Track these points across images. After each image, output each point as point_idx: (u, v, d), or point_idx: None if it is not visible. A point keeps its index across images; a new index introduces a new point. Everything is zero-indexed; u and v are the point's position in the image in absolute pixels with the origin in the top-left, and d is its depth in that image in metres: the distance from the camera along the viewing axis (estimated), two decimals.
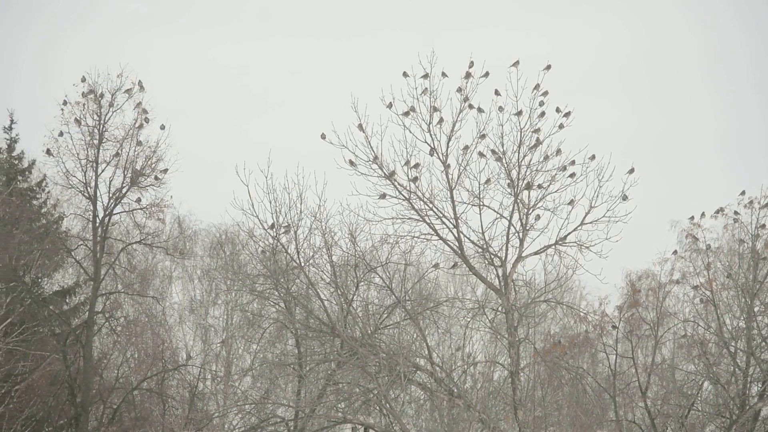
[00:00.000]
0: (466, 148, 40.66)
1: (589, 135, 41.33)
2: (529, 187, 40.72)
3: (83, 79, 49.47)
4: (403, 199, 40.53)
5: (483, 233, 40.68)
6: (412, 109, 40.49)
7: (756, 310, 49.74)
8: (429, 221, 40.58)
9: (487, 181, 40.71)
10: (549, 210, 40.79)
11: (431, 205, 40.52)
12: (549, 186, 40.76)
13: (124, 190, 49.45)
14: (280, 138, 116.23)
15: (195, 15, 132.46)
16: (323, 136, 40.22)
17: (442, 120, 40.56)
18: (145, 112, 49.75)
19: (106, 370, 51.99)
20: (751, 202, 49.86)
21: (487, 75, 40.62)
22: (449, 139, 40.62)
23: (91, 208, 49.60)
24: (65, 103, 49.38)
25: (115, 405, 49.60)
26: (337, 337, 40.47)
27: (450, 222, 40.56)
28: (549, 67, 40.98)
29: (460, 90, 40.62)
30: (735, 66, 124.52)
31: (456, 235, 40.57)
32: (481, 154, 40.77)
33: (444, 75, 40.46)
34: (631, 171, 40.53)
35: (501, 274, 40.62)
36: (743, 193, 49.77)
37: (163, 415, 50.23)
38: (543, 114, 40.78)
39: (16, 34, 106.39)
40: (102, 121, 49.48)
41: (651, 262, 53.44)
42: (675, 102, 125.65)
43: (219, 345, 68.31)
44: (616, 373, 48.45)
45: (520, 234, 40.75)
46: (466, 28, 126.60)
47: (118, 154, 49.40)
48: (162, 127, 49.61)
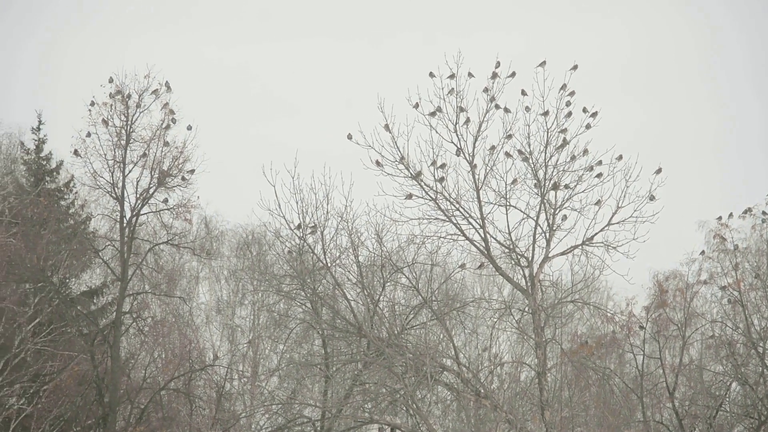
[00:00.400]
0: (493, 148, 40.60)
1: (590, 136, 41.26)
2: (555, 187, 40.63)
3: (111, 80, 49.60)
4: (430, 200, 40.50)
5: (510, 233, 40.61)
6: (439, 109, 40.46)
7: None
8: (455, 221, 40.53)
9: (514, 181, 40.64)
10: (576, 210, 40.70)
11: (458, 206, 40.48)
12: (576, 186, 40.67)
13: (151, 191, 49.52)
14: (280, 139, 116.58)
15: (197, 15, 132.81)
16: (350, 137, 40.24)
17: (468, 120, 40.51)
18: (172, 112, 49.83)
19: (133, 370, 52.14)
20: None
21: (513, 75, 40.58)
22: (476, 139, 40.57)
23: (119, 208, 49.69)
24: (93, 104, 49.49)
25: (143, 405, 49.72)
26: (364, 337, 40.47)
27: (476, 222, 40.52)
28: (576, 67, 40.91)
29: (486, 90, 40.57)
30: (735, 66, 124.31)
31: (482, 236, 40.51)
32: (507, 155, 40.69)
33: (470, 75, 40.44)
34: (659, 171, 40.40)
35: (528, 274, 40.54)
36: None
37: (190, 416, 50.35)
38: (570, 114, 40.70)
39: (16, 35, 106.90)
40: (129, 122, 49.58)
41: (678, 262, 53.38)
42: (675, 103, 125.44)
43: (246, 345, 68.44)
44: (643, 374, 48.33)
45: (547, 234, 40.66)
46: (464, 31, 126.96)
47: (145, 155, 49.47)
48: (189, 128, 49.73)
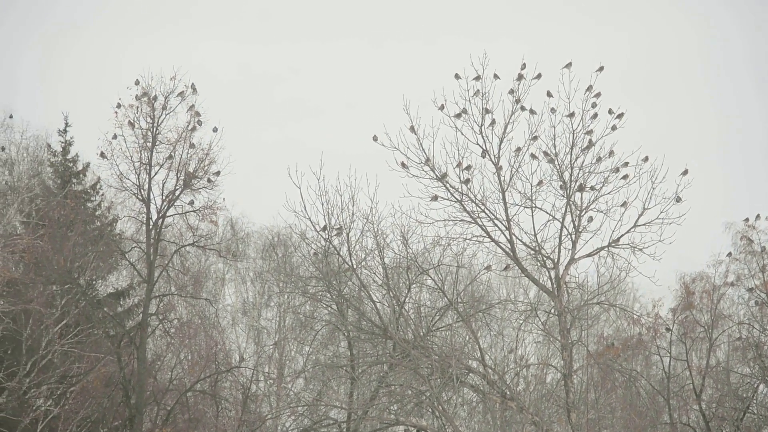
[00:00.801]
0: (518, 149, 40.50)
1: (616, 137, 41.13)
2: (581, 188, 40.51)
3: (137, 82, 49.74)
4: (455, 201, 40.43)
5: (535, 235, 40.51)
6: (464, 111, 40.42)
7: None
8: (481, 223, 40.45)
9: (540, 182, 40.54)
10: (602, 212, 40.55)
11: (483, 207, 40.40)
12: (602, 188, 40.53)
13: (177, 193, 49.62)
14: (284, 139, 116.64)
15: (196, 15, 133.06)
16: (375, 138, 40.24)
17: (494, 122, 40.45)
18: (197, 114, 49.93)
19: (159, 371, 52.29)
20: None
21: (539, 77, 40.50)
22: (501, 140, 40.50)
23: (145, 210, 49.80)
24: (119, 106, 49.65)
25: (169, 406, 49.86)
26: (390, 339, 40.45)
27: (502, 224, 40.43)
28: (602, 68, 40.78)
29: (512, 92, 40.50)
30: (736, 67, 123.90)
31: (508, 237, 40.43)
32: (533, 156, 40.60)
33: (496, 77, 40.38)
34: (685, 173, 40.22)
35: (553, 276, 40.43)
36: None
37: (217, 417, 50.46)
38: (596, 116, 40.58)
39: (16, 34, 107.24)
40: (155, 124, 49.68)
41: (705, 264, 53.26)
42: (677, 103, 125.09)
43: (272, 347, 68.58)
44: (670, 376, 48.21)
45: (573, 236, 40.54)
46: (469, 34, 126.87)
47: (171, 157, 49.55)
48: (215, 130, 49.79)
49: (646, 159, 40.17)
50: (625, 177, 40.48)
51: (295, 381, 61.40)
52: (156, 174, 49.69)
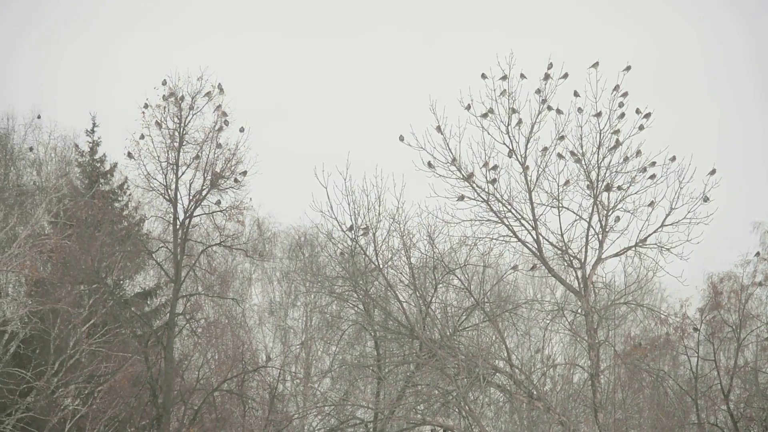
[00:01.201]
0: (545, 149, 40.43)
1: (643, 137, 40.97)
2: (608, 188, 40.40)
3: (164, 82, 49.81)
4: (482, 201, 40.39)
5: (562, 235, 40.43)
6: (491, 110, 40.38)
7: None
8: (507, 223, 40.40)
9: (566, 182, 40.46)
10: (629, 212, 40.44)
11: (510, 207, 40.34)
12: (629, 187, 40.42)
13: (204, 193, 49.67)
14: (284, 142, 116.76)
15: (195, 14, 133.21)
16: (401, 138, 40.24)
17: (520, 121, 40.40)
18: (224, 114, 49.95)
19: (187, 371, 52.38)
20: None
21: (566, 77, 40.41)
22: (528, 140, 40.43)
23: (172, 210, 49.87)
24: (146, 106, 49.74)
25: (196, 406, 49.93)
26: (416, 338, 40.44)
27: (529, 224, 40.37)
28: (629, 68, 40.66)
29: (538, 91, 40.43)
30: (737, 67, 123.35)
31: (535, 237, 40.36)
32: (560, 156, 40.52)
33: (522, 76, 40.31)
34: (713, 172, 40.04)
35: (580, 276, 40.34)
36: None
37: (244, 417, 50.52)
38: (623, 115, 40.46)
39: (15, 34, 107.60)
40: (182, 124, 49.74)
41: (733, 263, 53.03)
42: (678, 104, 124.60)
43: (298, 347, 68.68)
44: (697, 376, 48.03)
45: (600, 236, 40.44)
46: (467, 29, 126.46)
47: (198, 157, 49.60)
48: (241, 130, 49.81)
49: (674, 158, 40.04)
50: (652, 177, 40.35)
51: (321, 381, 61.43)
52: (183, 174, 49.76)
